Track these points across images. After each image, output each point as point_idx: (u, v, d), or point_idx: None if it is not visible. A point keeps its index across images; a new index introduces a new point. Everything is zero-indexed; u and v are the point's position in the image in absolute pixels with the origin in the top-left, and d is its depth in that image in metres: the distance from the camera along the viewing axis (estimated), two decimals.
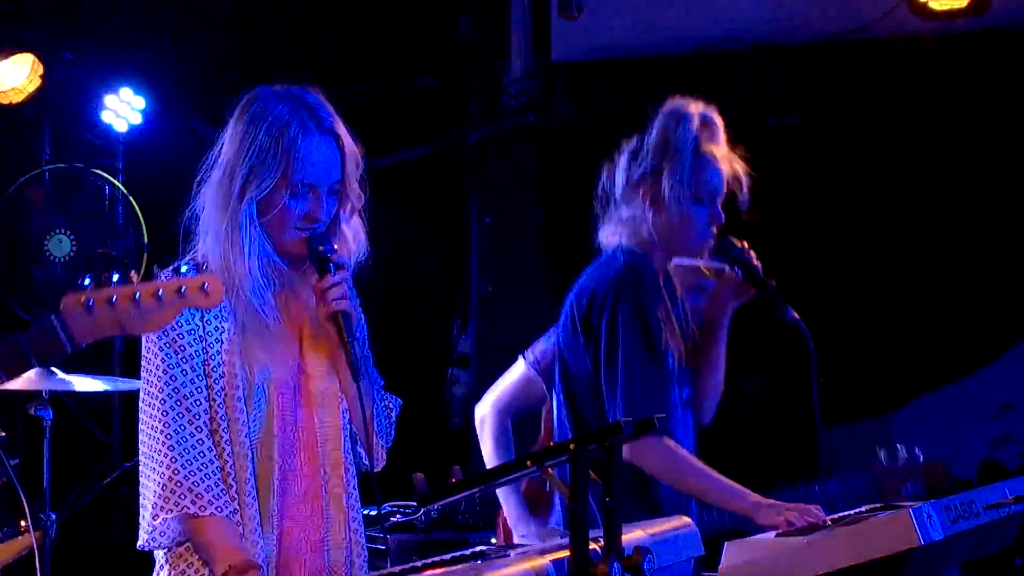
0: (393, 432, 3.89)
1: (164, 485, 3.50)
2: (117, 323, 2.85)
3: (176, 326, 3.53)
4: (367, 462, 3.80)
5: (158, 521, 3.53)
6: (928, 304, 7.77)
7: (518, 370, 5.42)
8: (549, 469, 3.20)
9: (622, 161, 4.59)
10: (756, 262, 4.61)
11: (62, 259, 8.05)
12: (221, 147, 3.65)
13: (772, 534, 4.10)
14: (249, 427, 3.58)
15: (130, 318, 2.86)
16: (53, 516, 5.63)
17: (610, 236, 4.60)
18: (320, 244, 3.63)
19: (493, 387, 5.49)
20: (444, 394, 7.85)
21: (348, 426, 3.75)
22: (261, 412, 3.60)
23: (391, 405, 3.88)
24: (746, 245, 4.62)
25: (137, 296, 2.85)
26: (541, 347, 5.35)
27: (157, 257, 7.85)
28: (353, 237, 3.74)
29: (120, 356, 8.25)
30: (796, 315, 4.62)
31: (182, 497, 3.49)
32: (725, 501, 4.44)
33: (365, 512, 3.90)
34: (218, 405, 3.57)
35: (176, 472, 3.49)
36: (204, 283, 3.00)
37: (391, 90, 8.00)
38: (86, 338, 2.91)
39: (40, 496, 5.77)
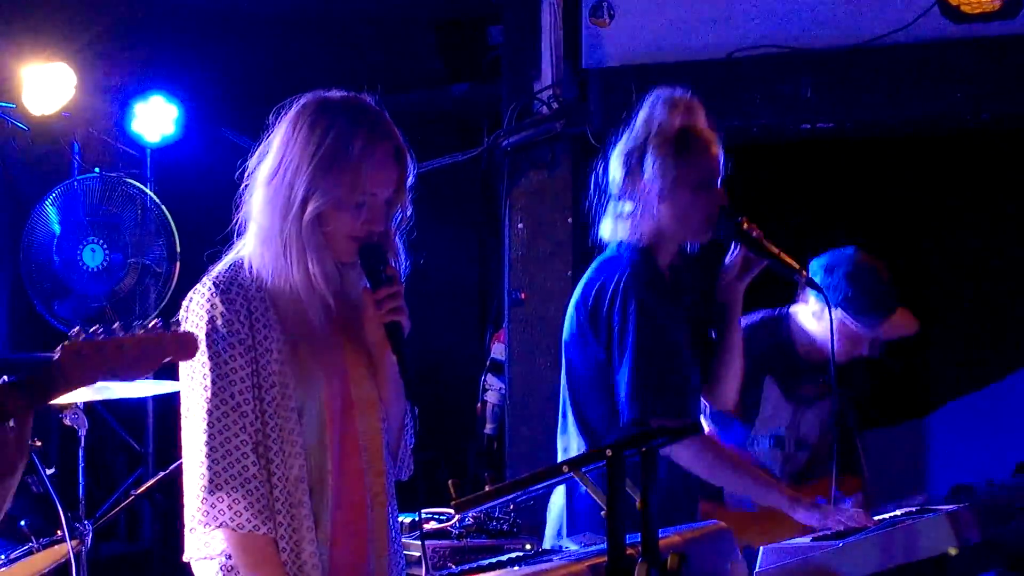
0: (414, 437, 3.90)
1: (204, 499, 3.47)
2: (107, 371, 3.02)
3: (227, 336, 3.51)
4: (395, 469, 3.81)
5: (196, 534, 3.52)
6: (962, 307, 7.75)
7: None
8: (585, 475, 3.21)
9: (615, 156, 4.58)
10: (757, 232, 4.62)
11: (95, 269, 8.07)
12: (275, 151, 3.62)
13: (808, 537, 4.10)
14: (304, 437, 3.55)
15: (118, 367, 3.04)
16: (89, 525, 5.64)
17: (612, 231, 4.60)
18: (373, 255, 3.62)
19: None
20: (478, 401, 7.85)
21: (385, 433, 3.75)
22: (314, 421, 3.57)
23: (414, 410, 3.88)
24: (744, 220, 4.62)
25: (123, 347, 3.04)
26: None
27: (189, 265, 7.87)
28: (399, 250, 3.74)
29: None
30: (808, 276, 4.66)
31: (221, 513, 3.46)
32: (762, 496, 4.45)
33: (400, 519, 3.91)
34: (269, 416, 3.53)
35: (218, 487, 3.46)
36: (182, 339, 3.15)
37: (424, 98, 8.02)
38: (79, 384, 3.06)
39: (76, 505, 5.78)
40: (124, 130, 8.18)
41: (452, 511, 5.61)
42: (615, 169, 4.57)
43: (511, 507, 6.19)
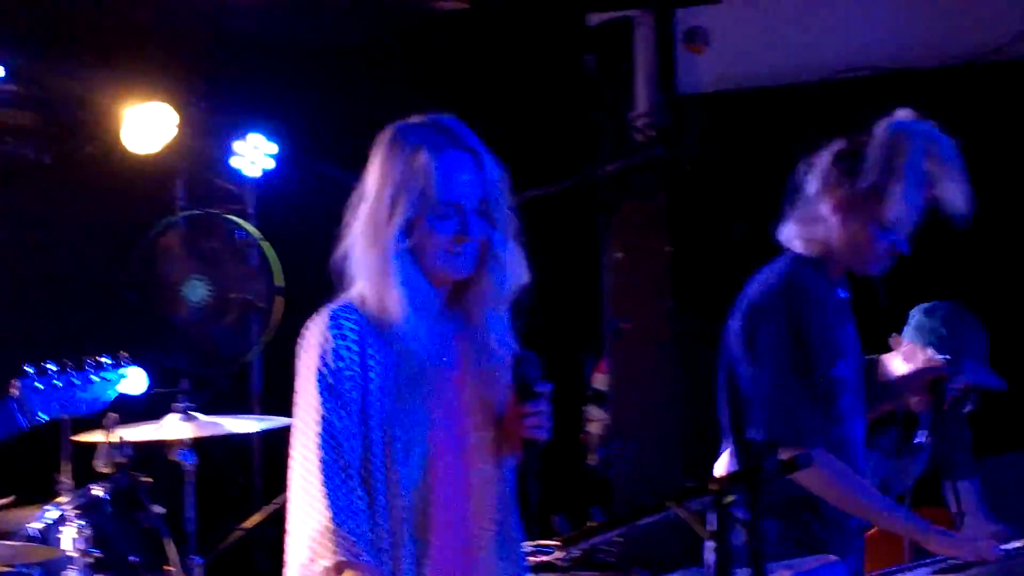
0: None
1: (321, 532, 3.44)
2: (62, 406, 3.05)
3: (336, 371, 3.49)
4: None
5: (314, 566, 3.49)
6: None
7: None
8: (688, 510, 3.18)
9: (824, 159, 4.47)
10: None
11: (198, 304, 8.13)
12: (364, 182, 3.61)
13: (928, 569, 4.04)
14: (408, 477, 3.52)
15: (71, 401, 3.07)
16: (199, 560, 5.68)
17: (790, 235, 4.50)
18: (529, 365, 3.58)
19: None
20: (580, 432, 7.82)
21: (508, 477, 3.68)
22: (421, 461, 3.53)
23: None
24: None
25: (75, 383, 3.07)
26: None
27: (291, 300, 7.92)
28: (511, 263, 3.63)
29: (261, 395, 8.35)
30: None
31: (339, 545, 3.43)
32: (896, 523, 4.36)
33: None
34: (373, 455, 3.50)
35: (332, 520, 3.43)
36: (128, 373, 3.18)
37: (519, 128, 8.02)
38: (36, 416, 3.08)
39: (185, 540, 5.82)
40: (225, 166, 8.25)
41: (558, 544, 5.61)
42: (817, 173, 4.47)
43: (617, 540, 6.16)
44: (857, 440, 4.50)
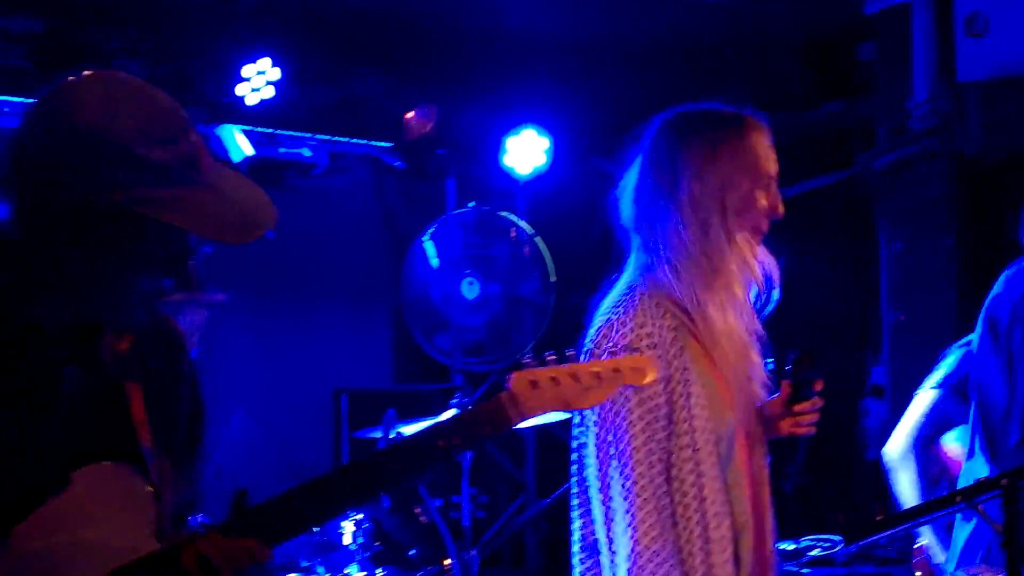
0: None
1: (637, 554, 3.34)
2: (560, 400, 2.90)
3: (652, 396, 3.37)
4: None
5: None
6: None
7: (926, 398, 5.25)
8: (980, 506, 3.09)
9: None
10: None
11: (472, 301, 8.21)
12: (662, 166, 3.48)
13: None
14: (727, 480, 3.41)
15: (572, 395, 2.91)
16: (475, 553, 5.73)
17: None
18: (808, 365, 3.48)
19: (902, 423, 5.31)
20: (858, 425, 7.69)
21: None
22: (732, 465, 3.42)
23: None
24: None
25: (578, 375, 2.91)
26: (942, 371, 5.18)
27: (565, 296, 7.94)
28: (767, 257, 3.53)
29: None
30: None
31: (657, 566, 3.32)
32: None
33: (783, 547, 3.80)
34: (696, 462, 3.38)
35: (649, 561, 3.32)
36: (640, 364, 3.00)
37: (793, 119, 7.91)
38: (533, 413, 2.96)
39: (461, 535, 5.88)
40: (497, 164, 8.31)
41: (837, 539, 5.51)
42: None
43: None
44: None
